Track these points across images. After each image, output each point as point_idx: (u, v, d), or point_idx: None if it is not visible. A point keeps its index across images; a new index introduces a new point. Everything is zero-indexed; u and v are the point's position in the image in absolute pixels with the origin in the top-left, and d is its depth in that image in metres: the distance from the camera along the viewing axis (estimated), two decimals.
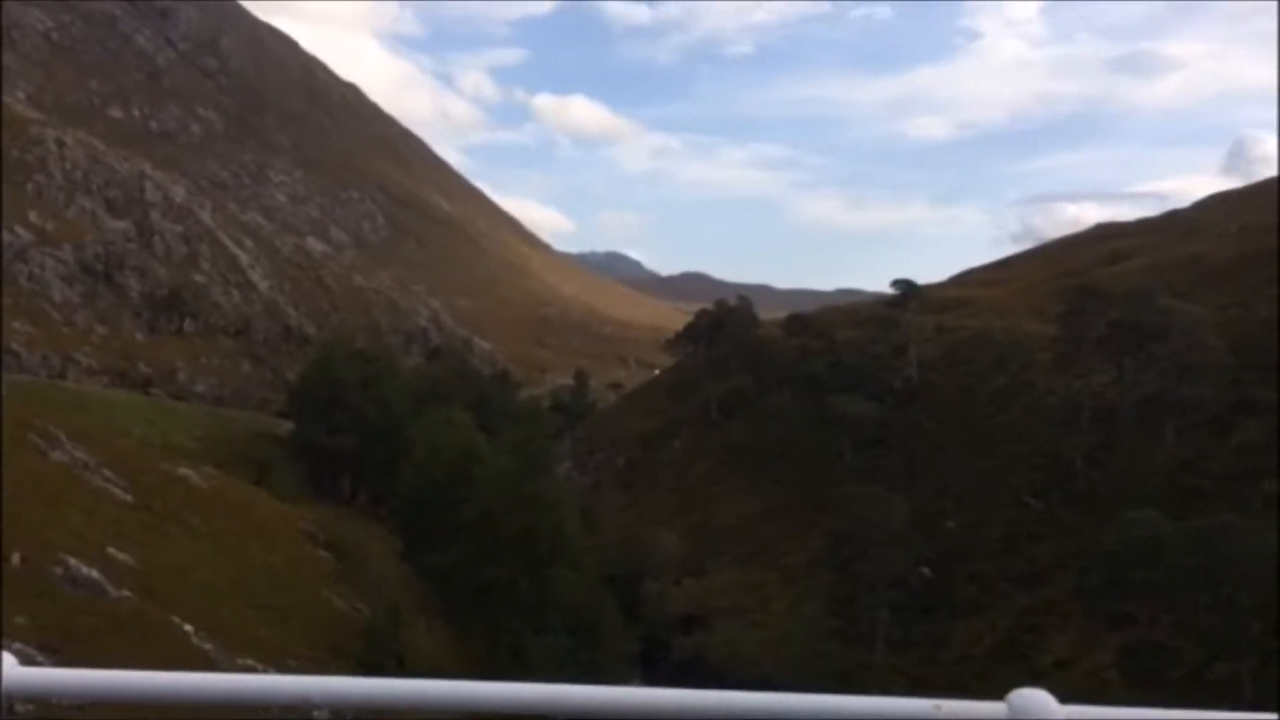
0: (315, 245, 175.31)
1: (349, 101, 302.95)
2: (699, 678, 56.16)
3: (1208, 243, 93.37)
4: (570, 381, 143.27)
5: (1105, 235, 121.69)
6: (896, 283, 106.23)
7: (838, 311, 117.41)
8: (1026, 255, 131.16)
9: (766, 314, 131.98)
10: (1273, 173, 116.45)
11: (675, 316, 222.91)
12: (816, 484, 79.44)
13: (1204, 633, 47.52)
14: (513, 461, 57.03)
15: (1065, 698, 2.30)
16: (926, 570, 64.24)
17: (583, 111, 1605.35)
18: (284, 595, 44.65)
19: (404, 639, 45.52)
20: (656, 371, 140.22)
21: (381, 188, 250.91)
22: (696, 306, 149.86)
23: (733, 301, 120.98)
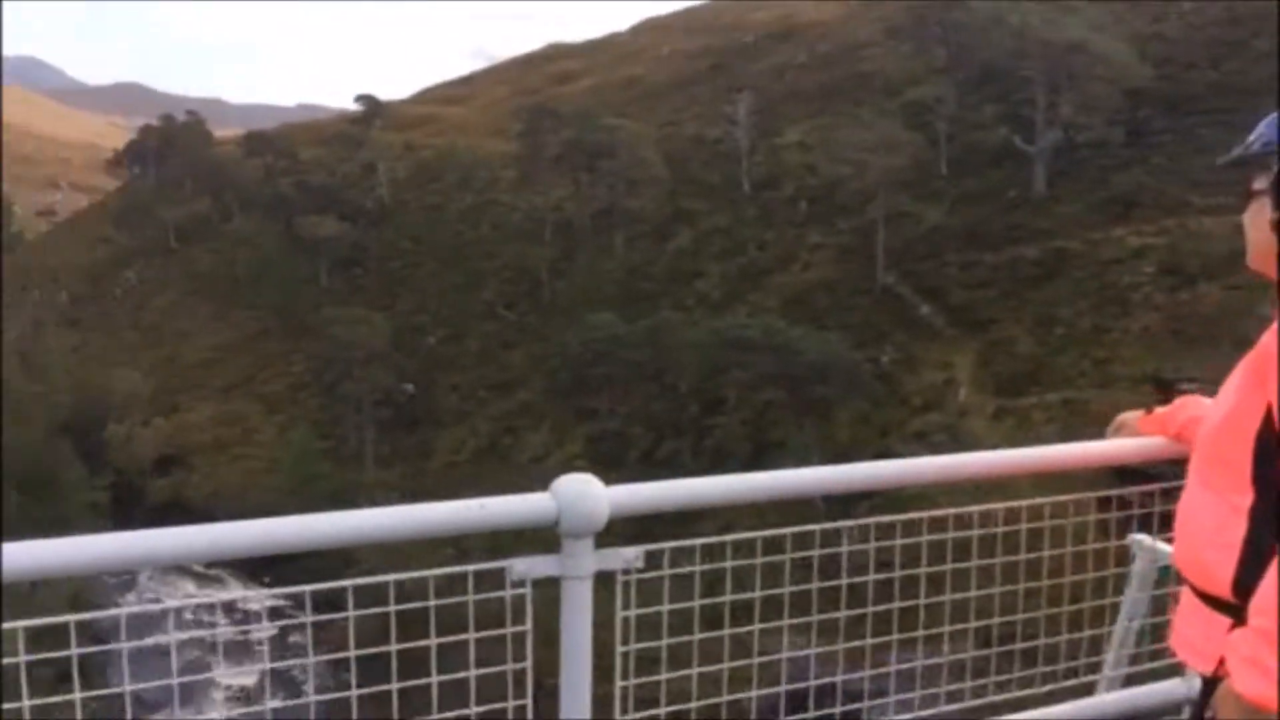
0: None
1: None
2: (182, 518, 54.15)
3: (643, 65, 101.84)
4: None
5: (554, 55, 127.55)
6: (360, 98, 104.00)
7: (300, 128, 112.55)
8: (486, 73, 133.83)
9: (221, 131, 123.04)
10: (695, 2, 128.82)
11: (113, 133, 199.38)
12: (293, 309, 77.62)
13: (653, 417, 54.85)
14: None
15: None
16: (410, 387, 66.43)
17: None
18: None
19: None
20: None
21: None
22: (138, 122, 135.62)
23: (181, 116, 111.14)
